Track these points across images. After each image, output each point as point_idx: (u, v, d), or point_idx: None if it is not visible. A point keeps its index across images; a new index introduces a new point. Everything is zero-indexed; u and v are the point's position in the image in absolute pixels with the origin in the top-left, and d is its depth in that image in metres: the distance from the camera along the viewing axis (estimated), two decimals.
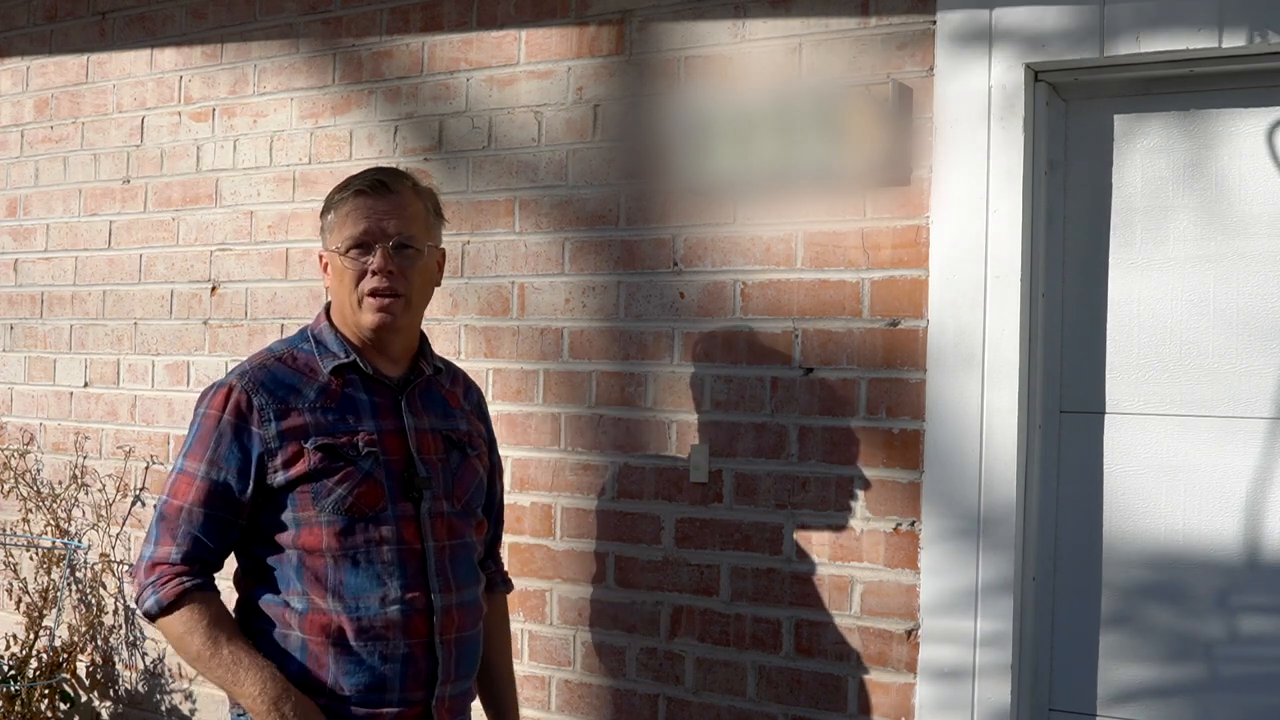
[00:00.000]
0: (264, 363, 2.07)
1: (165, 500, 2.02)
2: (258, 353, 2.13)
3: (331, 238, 2.09)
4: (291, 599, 1.99)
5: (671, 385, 2.60)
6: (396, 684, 1.99)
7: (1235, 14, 2.10)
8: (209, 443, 2.01)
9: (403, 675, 2.00)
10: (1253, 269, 2.21)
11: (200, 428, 2.02)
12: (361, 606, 1.98)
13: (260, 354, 2.11)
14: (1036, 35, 2.25)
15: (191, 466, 2.01)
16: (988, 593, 2.27)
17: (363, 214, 2.06)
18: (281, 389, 2.03)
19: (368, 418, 2.06)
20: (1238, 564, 2.22)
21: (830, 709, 2.42)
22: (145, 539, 2.03)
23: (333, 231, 2.08)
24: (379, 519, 2.02)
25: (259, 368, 2.06)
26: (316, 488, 2.00)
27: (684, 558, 2.57)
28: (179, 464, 2.03)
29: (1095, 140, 2.33)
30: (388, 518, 2.03)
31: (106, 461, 3.43)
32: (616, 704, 2.64)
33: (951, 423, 2.30)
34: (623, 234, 2.66)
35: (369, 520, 2.01)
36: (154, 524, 2.02)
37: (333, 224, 2.09)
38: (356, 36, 3.02)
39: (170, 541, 1.99)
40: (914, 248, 2.36)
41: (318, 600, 1.97)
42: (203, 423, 2.02)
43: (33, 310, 3.60)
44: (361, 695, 1.98)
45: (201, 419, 2.03)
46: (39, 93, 3.60)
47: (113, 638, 3.41)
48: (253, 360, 2.09)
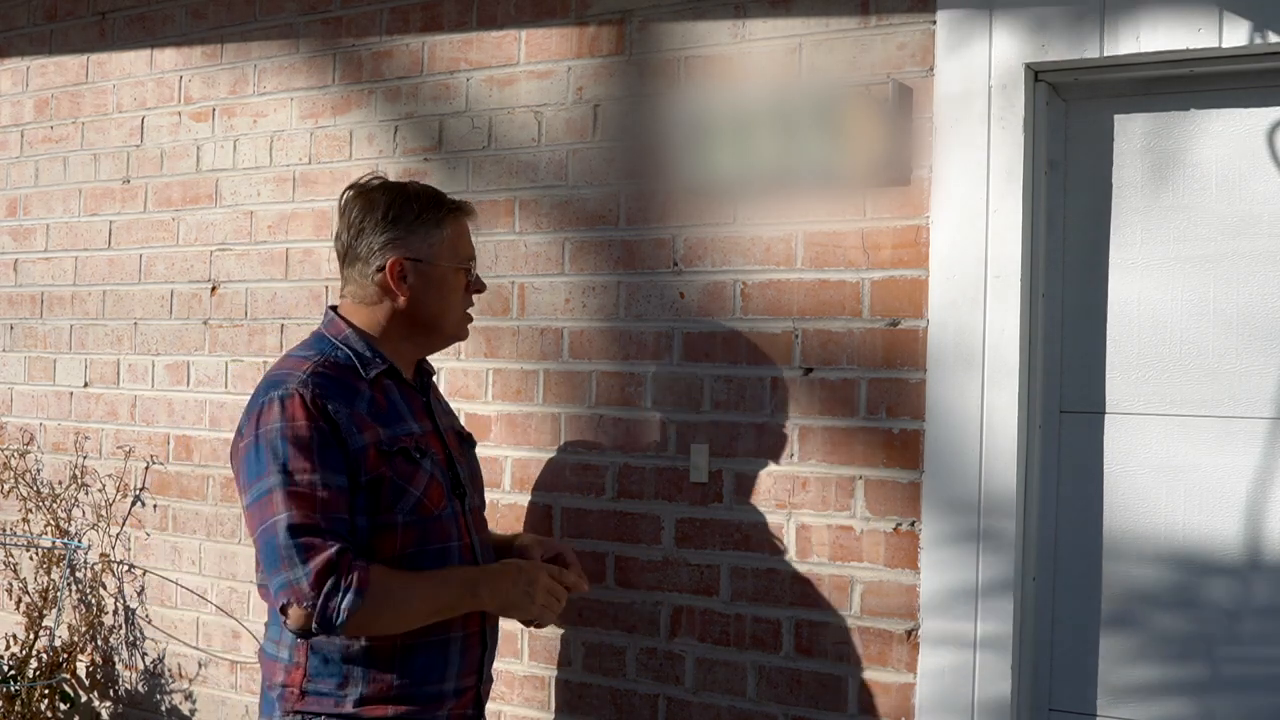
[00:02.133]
0: (315, 370, 2.02)
1: (285, 518, 1.91)
2: (292, 359, 2.08)
3: (441, 250, 2.13)
4: None
5: (671, 385, 2.60)
6: (455, 673, 2.10)
7: (1235, 14, 2.10)
8: (311, 450, 1.94)
9: (461, 664, 2.11)
10: (1253, 269, 2.21)
11: (290, 440, 1.94)
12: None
13: (297, 360, 2.07)
14: (1036, 35, 2.25)
15: (303, 479, 1.92)
16: (988, 593, 2.27)
17: (468, 234, 2.20)
18: (341, 394, 2.02)
19: (411, 420, 2.14)
20: (1238, 564, 2.22)
21: (830, 709, 2.42)
22: (276, 570, 1.91)
23: (441, 245, 2.13)
24: (441, 518, 2.11)
25: (316, 375, 2.01)
26: (394, 490, 2.03)
27: (684, 558, 2.57)
28: (278, 480, 1.92)
29: (1095, 140, 2.33)
30: (448, 516, 2.13)
31: (106, 461, 3.43)
32: (616, 704, 2.64)
33: (951, 423, 2.30)
34: (623, 234, 2.66)
35: (433, 520, 2.09)
36: (284, 548, 1.90)
37: (443, 238, 2.13)
38: (356, 36, 3.02)
39: (318, 548, 1.90)
40: (914, 248, 2.36)
41: None
42: (290, 434, 1.94)
43: (33, 310, 3.60)
44: (429, 690, 2.06)
45: (283, 431, 1.94)
46: (39, 93, 3.60)
47: (113, 638, 3.41)
48: (297, 367, 2.04)
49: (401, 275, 2.10)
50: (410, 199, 2.14)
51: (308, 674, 2.04)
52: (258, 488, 1.95)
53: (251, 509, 1.96)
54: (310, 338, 2.17)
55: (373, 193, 2.16)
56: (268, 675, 2.11)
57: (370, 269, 2.11)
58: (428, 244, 2.11)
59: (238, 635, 3.17)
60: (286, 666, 2.06)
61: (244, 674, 3.17)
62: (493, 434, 2.79)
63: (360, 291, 2.15)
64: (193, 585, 3.25)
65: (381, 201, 2.13)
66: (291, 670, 2.05)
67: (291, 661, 2.05)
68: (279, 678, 2.07)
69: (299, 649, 2.04)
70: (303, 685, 2.04)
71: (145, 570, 3.34)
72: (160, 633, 3.32)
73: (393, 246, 2.10)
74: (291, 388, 1.98)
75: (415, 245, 2.10)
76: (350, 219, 2.15)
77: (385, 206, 2.12)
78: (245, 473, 1.99)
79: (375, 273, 2.11)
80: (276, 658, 2.08)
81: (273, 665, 2.09)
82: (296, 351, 2.13)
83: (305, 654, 2.04)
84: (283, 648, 2.07)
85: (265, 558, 1.94)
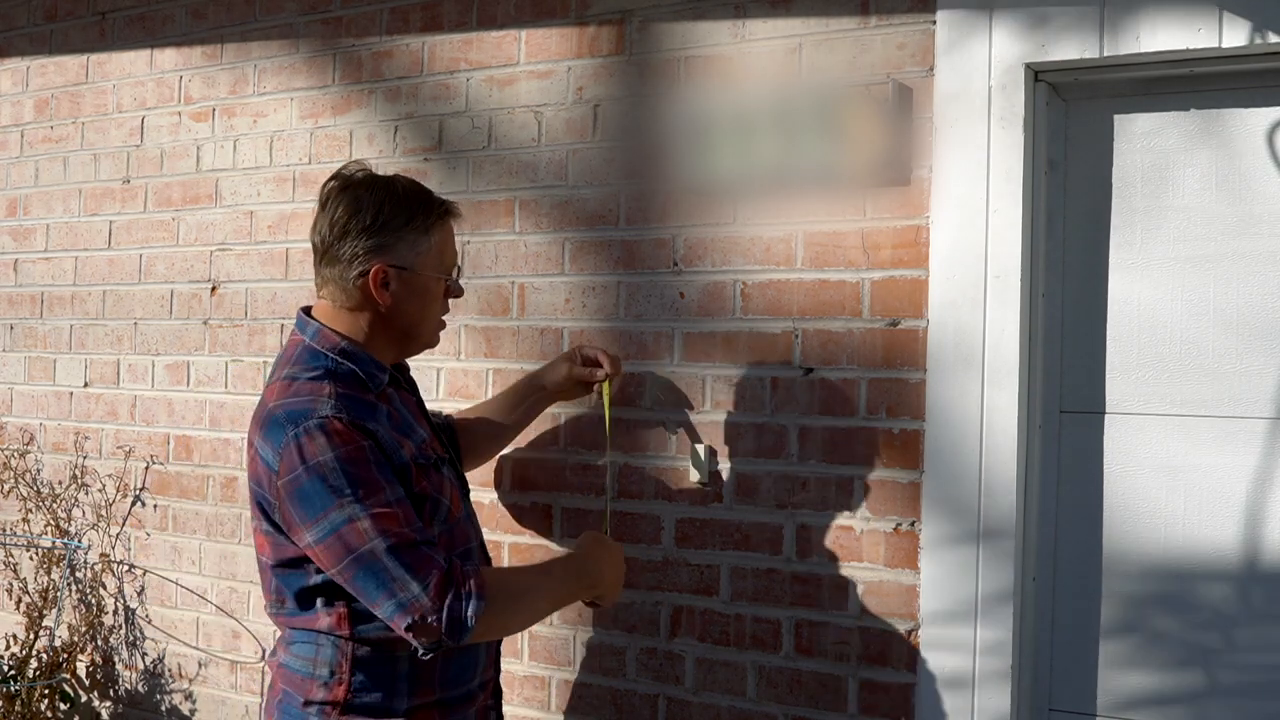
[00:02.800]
0: (337, 392, 1.96)
1: (381, 542, 1.86)
2: (302, 383, 1.98)
3: (427, 259, 2.05)
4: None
5: (671, 385, 2.60)
6: (481, 668, 2.12)
7: (1235, 14, 2.10)
8: (371, 469, 1.90)
9: (485, 660, 2.13)
10: (1253, 269, 2.21)
11: (350, 464, 1.89)
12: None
13: (310, 385, 1.98)
14: (1036, 35, 2.25)
15: (379, 499, 1.89)
16: (987, 593, 2.27)
17: (454, 239, 2.14)
18: (368, 412, 1.98)
19: (418, 426, 2.12)
20: (1238, 564, 2.22)
21: (830, 709, 2.42)
22: (388, 594, 1.86)
23: (428, 254, 2.05)
24: (460, 521, 2.13)
25: (340, 397, 1.95)
26: (433, 504, 2.03)
27: (684, 558, 2.57)
28: (355, 509, 1.86)
29: (1095, 140, 2.33)
30: (464, 519, 2.15)
31: (106, 461, 3.43)
32: (616, 704, 2.64)
33: (951, 423, 2.30)
34: (623, 234, 2.66)
35: (457, 524, 2.11)
36: (391, 570, 1.86)
37: (430, 246, 2.05)
38: (356, 36, 3.02)
39: (426, 561, 1.88)
40: (914, 248, 2.36)
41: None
42: (346, 459, 1.89)
43: (33, 310, 3.60)
44: (464, 690, 2.09)
45: (338, 458, 1.89)
46: (39, 93, 3.60)
47: (113, 638, 3.41)
48: (316, 392, 1.96)
49: (384, 283, 2.02)
50: (399, 203, 2.04)
51: (352, 689, 1.99)
52: (329, 521, 1.88)
53: (328, 543, 1.89)
54: (300, 352, 2.05)
55: (359, 190, 2.06)
56: (297, 692, 2.03)
57: (352, 273, 2.02)
58: (414, 252, 2.03)
59: (238, 635, 3.17)
60: (327, 684, 2.00)
61: (244, 674, 3.17)
62: None
63: (341, 295, 2.05)
64: (193, 585, 3.25)
65: (369, 204, 2.03)
66: (333, 687, 2.00)
67: (333, 678, 2.00)
68: (317, 695, 2.01)
69: (341, 665, 1.99)
70: (346, 701, 1.99)
71: (145, 570, 3.34)
72: (160, 633, 3.32)
73: (377, 253, 2.01)
74: (325, 414, 1.91)
75: (401, 253, 2.03)
76: (334, 217, 2.04)
77: (374, 210, 2.02)
78: (303, 509, 1.90)
79: (357, 278, 2.03)
80: (313, 675, 2.01)
81: (307, 683, 2.02)
82: (299, 374, 2.01)
83: (349, 669, 1.99)
84: (320, 665, 2.01)
85: (367, 585, 1.87)
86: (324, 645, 2.01)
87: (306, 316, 2.09)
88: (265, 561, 2.06)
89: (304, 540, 1.92)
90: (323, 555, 1.91)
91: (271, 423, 1.96)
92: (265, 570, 2.07)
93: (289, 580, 2.02)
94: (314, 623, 2.01)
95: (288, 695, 2.05)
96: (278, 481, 1.93)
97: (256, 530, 2.06)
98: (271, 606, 2.09)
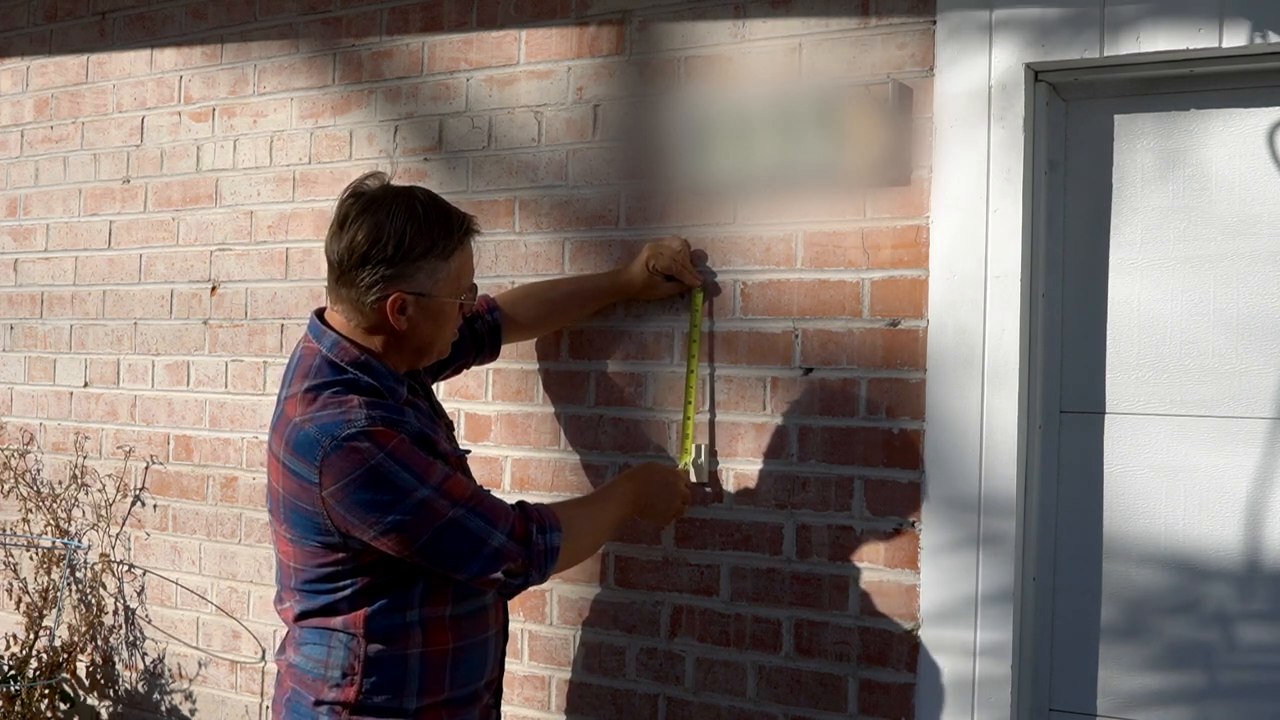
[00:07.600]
0: (366, 402, 1.97)
1: (454, 510, 1.95)
2: (328, 397, 1.98)
3: (445, 285, 2.04)
4: (409, 613, 2.03)
5: (671, 385, 2.60)
6: (489, 667, 2.16)
7: (1235, 14, 2.10)
8: (421, 455, 1.96)
9: (493, 658, 2.18)
10: (1253, 269, 2.21)
11: (404, 458, 1.93)
12: (474, 605, 2.12)
13: (335, 398, 1.98)
14: (1036, 35, 2.25)
15: (440, 474, 1.97)
16: (987, 593, 2.27)
17: (472, 258, 2.12)
18: (395, 413, 2.00)
19: (438, 433, 2.14)
20: (1238, 564, 2.22)
21: (830, 709, 2.42)
22: (475, 551, 1.97)
23: (447, 280, 2.03)
24: None
25: (370, 404, 1.96)
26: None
27: (684, 558, 2.57)
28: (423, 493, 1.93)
29: (1095, 140, 2.33)
30: None
31: (106, 461, 3.43)
32: (616, 704, 2.64)
33: (951, 423, 2.30)
34: (623, 234, 2.66)
35: None
36: (471, 530, 1.96)
37: (449, 273, 2.04)
38: (356, 36, 3.02)
39: (498, 508, 2.02)
40: (914, 248, 2.36)
41: (439, 609, 2.05)
42: (398, 455, 1.93)
43: (33, 310, 3.60)
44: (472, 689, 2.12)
45: (390, 455, 1.92)
46: (39, 93, 3.60)
47: (113, 638, 3.41)
48: (345, 404, 1.96)
49: (401, 309, 2.01)
50: (420, 229, 1.99)
51: (363, 689, 2.01)
52: (399, 511, 1.93)
53: (402, 529, 1.93)
54: (319, 364, 2.04)
55: (380, 215, 1.99)
56: (308, 691, 2.04)
57: (369, 298, 2.00)
58: (433, 280, 2.01)
59: (238, 635, 3.17)
60: (339, 684, 2.02)
61: (244, 674, 3.17)
62: (493, 434, 2.79)
63: (356, 315, 2.03)
64: (193, 585, 3.25)
65: (390, 232, 1.97)
66: (345, 687, 2.02)
67: (345, 679, 2.02)
68: (328, 695, 2.02)
69: (353, 666, 2.01)
70: (357, 701, 2.01)
71: (145, 570, 3.34)
72: (160, 633, 3.32)
73: (396, 281, 1.99)
74: (361, 422, 1.93)
75: (420, 281, 2.00)
76: (354, 241, 1.98)
77: (396, 239, 1.97)
78: (364, 510, 1.93)
79: (374, 302, 2.00)
80: (324, 676, 2.03)
81: (318, 683, 2.03)
82: (321, 388, 2.00)
83: (361, 670, 2.01)
84: (332, 667, 2.02)
85: (453, 550, 1.97)
86: (336, 646, 2.03)
87: (323, 325, 2.08)
88: (290, 565, 2.07)
89: (368, 535, 1.95)
90: (396, 543, 1.96)
91: (302, 437, 1.95)
92: (288, 572, 2.09)
93: (314, 584, 2.04)
94: (328, 623, 2.03)
95: (297, 694, 2.07)
96: (322, 492, 1.94)
97: (280, 536, 2.08)
98: (288, 604, 2.11)
